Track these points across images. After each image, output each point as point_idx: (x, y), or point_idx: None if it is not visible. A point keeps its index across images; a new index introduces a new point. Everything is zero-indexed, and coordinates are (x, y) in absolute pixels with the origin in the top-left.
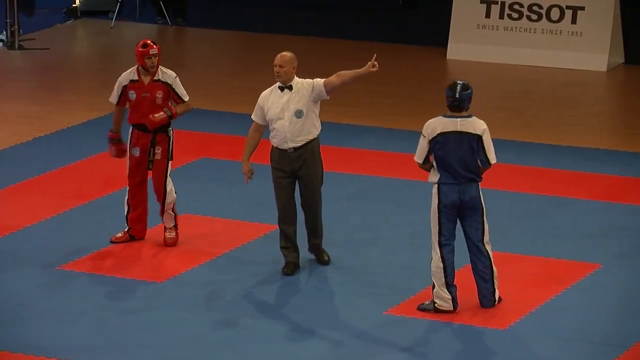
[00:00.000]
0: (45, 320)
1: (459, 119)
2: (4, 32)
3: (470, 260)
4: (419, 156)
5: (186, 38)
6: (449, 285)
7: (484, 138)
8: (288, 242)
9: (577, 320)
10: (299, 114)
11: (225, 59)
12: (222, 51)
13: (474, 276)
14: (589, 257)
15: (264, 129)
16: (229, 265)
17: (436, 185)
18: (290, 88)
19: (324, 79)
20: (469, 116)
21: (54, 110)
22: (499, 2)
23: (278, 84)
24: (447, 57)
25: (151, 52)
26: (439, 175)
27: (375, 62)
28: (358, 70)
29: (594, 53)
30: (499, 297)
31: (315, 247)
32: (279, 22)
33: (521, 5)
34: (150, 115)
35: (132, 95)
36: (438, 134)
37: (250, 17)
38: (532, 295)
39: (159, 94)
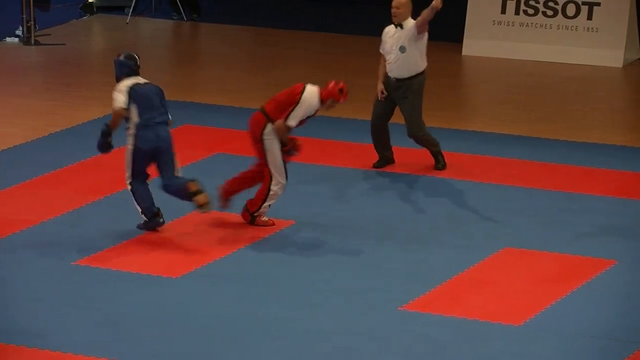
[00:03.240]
0: (60, 315)
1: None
2: (20, 28)
3: None
4: (123, 101)
5: (201, 34)
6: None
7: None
8: (376, 145)
9: (592, 317)
10: (402, 49)
11: (240, 54)
12: (237, 47)
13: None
14: (604, 253)
15: None
16: (243, 261)
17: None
18: (401, 27)
19: (414, 20)
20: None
21: (69, 105)
22: None
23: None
24: (463, 53)
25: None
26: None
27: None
28: (428, 9)
29: (610, 49)
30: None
31: (432, 153)
32: (294, 18)
33: (537, 1)
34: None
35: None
36: (132, 84)
37: (265, 13)
38: (547, 292)
39: None
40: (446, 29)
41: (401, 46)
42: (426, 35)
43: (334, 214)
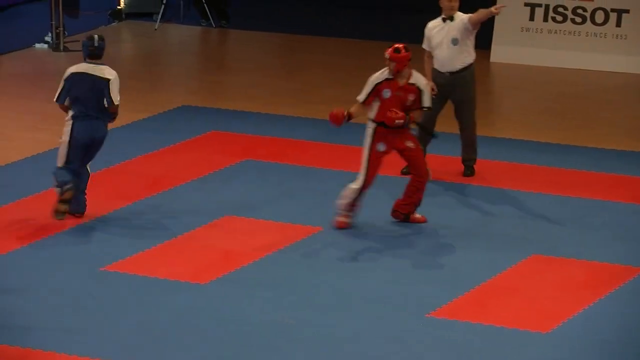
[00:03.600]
0: (88, 320)
1: (92, 65)
2: (49, 34)
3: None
4: (57, 96)
5: (230, 40)
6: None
7: (111, 82)
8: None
9: (621, 324)
10: (454, 41)
11: (269, 60)
12: (266, 53)
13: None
14: (633, 260)
15: None
16: (272, 267)
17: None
18: (451, 19)
19: (469, 16)
20: (102, 64)
21: None
22: (543, 5)
23: (442, 16)
24: (491, 60)
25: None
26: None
27: (497, 8)
28: (488, 10)
29: (639, 56)
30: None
31: (465, 161)
32: (322, 24)
33: (565, 8)
34: (390, 113)
35: (387, 93)
36: (72, 73)
37: (293, 19)
38: (575, 299)
39: (411, 96)
40: (475, 36)
41: (453, 38)
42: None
43: (361, 220)
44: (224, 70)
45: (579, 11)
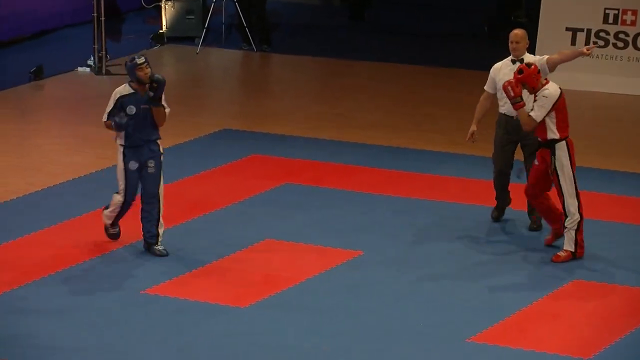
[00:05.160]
0: (129, 343)
1: None
2: (92, 58)
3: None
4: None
5: (271, 64)
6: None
7: None
8: (501, 195)
9: None
10: None
11: (311, 85)
12: (308, 77)
13: None
14: None
15: (493, 98)
16: (310, 292)
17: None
18: (521, 61)
19: (547, 56)
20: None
21: None
22: (585, 30)
23: (510, 57)
24: None
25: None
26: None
27: (589, 49)
28: (575, 50)
29: None
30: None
31: (532, 213)
32: (364, 49)
33: (607, 33)
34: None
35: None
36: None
37: (335, 44)
38: (617, 325)
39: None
40: None
41: None
42: None
43: (402, 245)
44: (265, 94)
45: (621, 36)
